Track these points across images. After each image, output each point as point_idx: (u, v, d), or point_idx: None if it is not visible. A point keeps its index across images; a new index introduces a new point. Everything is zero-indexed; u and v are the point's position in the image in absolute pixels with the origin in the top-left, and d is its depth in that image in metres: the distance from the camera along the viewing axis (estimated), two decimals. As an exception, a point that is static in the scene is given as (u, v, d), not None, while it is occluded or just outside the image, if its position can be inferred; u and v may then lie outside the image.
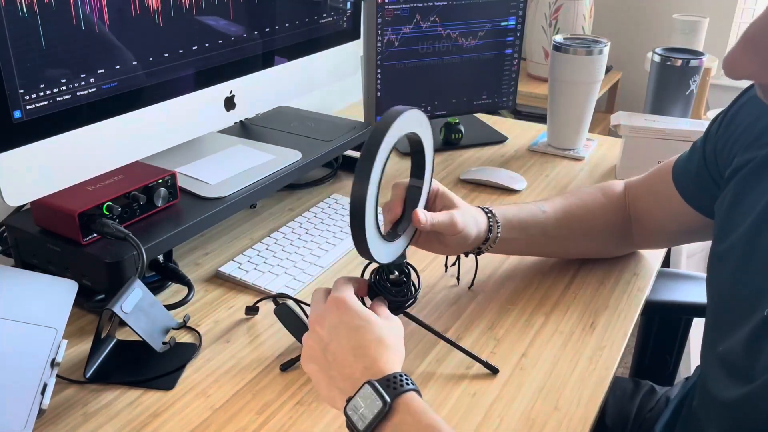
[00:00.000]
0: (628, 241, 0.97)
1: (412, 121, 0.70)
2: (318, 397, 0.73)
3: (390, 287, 0.74)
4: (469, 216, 0.83)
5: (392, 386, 0.60)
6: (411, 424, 0.59)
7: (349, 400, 0.61)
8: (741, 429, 0.65)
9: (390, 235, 0.73)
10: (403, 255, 0.75)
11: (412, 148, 0.75)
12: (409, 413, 0.59)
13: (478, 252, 0.88)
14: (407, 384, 0.61)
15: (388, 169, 0.67)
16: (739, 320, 0.65)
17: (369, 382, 0.60)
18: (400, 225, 0.76)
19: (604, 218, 0.94)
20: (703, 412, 0.74)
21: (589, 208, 0.93)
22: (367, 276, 0.75)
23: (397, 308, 0.74)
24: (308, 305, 0.83)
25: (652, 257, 1.01)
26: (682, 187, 0.85)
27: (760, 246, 0.64)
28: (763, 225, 0.65)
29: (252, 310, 0.87)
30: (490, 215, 0.87)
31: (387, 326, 0.66)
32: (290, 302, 0.81)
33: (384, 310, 0.70)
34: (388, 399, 0.59)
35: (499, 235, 0.87)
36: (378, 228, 0.69)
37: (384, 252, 0.71)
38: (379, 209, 0.69)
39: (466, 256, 0.90)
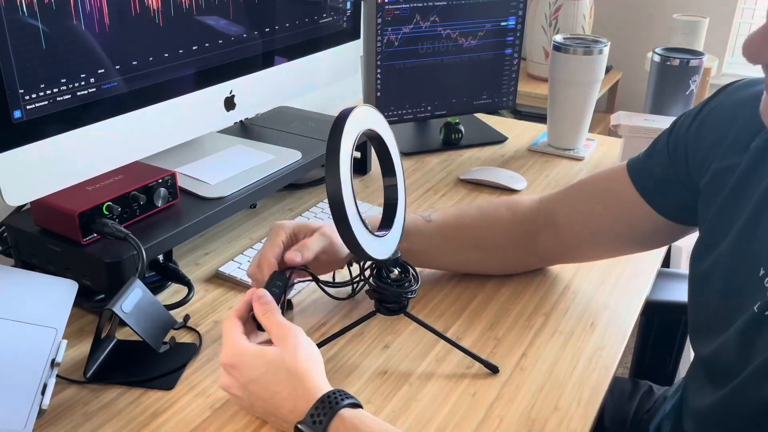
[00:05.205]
0: (533, 258, 0.93)
1: (367, 118, 0.72)
2: None
3: (392, 284, 0.75)
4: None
5: (318, 420, 0.61)
6: None
7: None
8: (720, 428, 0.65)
9: (379, 232, 0.75)
10: (397, 251, 0.77)
11: (375, 146, 0.77)
12: None
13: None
14: (334, 405, 0.61)
15: (375, 169, 0.68)
16: (725, 324, 0.65)
17: (295, 428, 0.62)
18: (385, 223, 0.77)
19: (502, 231, 0.90)
20: (685, 418, 0.75)
21: (485, 220, 0.91)
22: (366, 284, 0.77)
23: (404, 304, 0.77)
24: (329, 284, 0.82)
25: (652, 257, 1.01)
26: (644, 189, 0.81)
27: (749, 255, 0.64)
28: (750, 233, 0.64)
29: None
30: None
31: (288, 352, 0.65)
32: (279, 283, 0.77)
33: (274, 328, 0.68)
34: None
35: None
36: (364, 224, 0.70)
37: (377, 247, 0.72)
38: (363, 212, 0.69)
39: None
